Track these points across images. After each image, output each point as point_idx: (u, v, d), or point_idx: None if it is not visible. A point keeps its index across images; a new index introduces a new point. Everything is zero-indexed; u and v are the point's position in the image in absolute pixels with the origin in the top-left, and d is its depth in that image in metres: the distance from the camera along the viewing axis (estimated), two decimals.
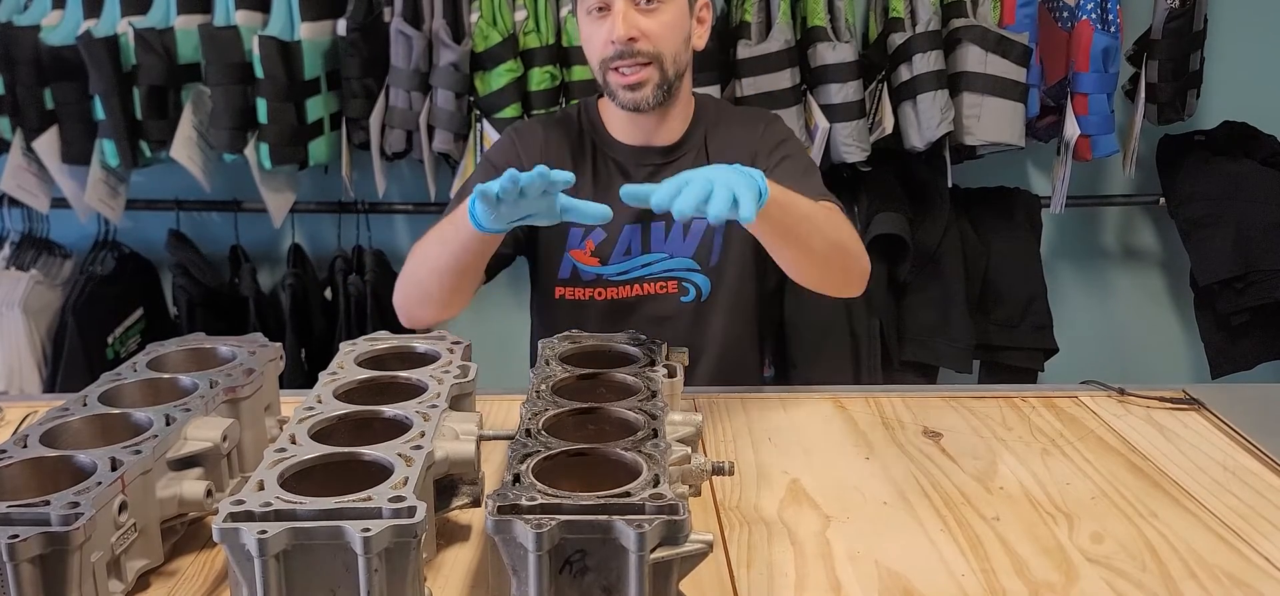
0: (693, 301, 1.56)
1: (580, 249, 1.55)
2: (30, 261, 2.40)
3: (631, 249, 1.55)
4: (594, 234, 1.54)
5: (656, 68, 1.46)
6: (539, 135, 1.60)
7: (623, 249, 1.55)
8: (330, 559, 0.75)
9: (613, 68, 1.46)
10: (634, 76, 1.46)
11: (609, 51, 1.45)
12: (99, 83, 2.16)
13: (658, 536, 0.73)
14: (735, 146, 1.57)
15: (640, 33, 1.44)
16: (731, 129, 1.60)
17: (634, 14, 1.43)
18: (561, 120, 1.62)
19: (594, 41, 1.48)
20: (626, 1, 1.43)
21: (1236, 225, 2.39)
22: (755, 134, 1.60)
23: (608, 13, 1.44)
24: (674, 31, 1.47)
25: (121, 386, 1.04)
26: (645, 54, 1.45)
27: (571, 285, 1.56)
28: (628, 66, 1.45)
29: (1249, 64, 2.58)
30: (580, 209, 1.19)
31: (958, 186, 2.44)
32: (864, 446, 1.26)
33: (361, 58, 2.22)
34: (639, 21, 1.44)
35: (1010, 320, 2.46)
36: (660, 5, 1.44)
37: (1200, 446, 1.26)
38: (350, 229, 2.52)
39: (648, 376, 1.04)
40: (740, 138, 1.59)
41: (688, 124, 1.58)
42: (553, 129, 1.61)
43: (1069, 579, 0.95)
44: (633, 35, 1.43)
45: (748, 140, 1.59)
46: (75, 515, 0.78)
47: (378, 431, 0.91)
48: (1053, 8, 2.35)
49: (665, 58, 1.46)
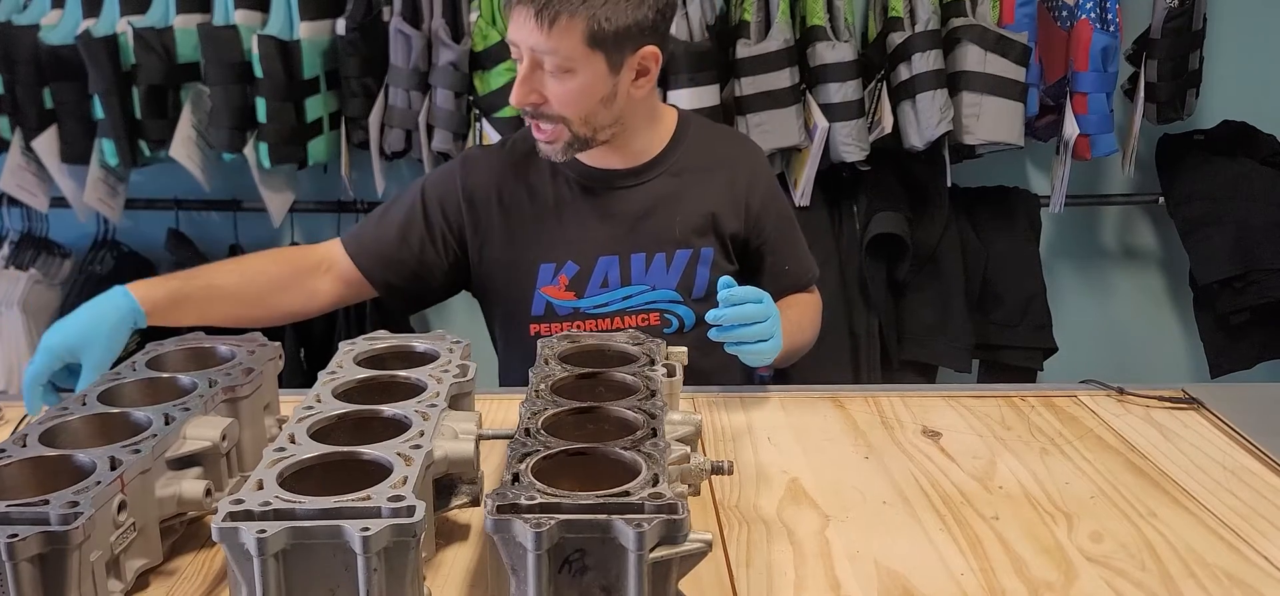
0: (676, 333, 1.52)
1: (553, 285, 1.51)
2: (29, 261, 2.40)
3: (609, 280, 1.50)
4: (567, 267, 1.50)
5: (566, 126, 1.41)
6: (489, 163, 1.55)
7: (598, 280, 1.50)
8: (329, 558, 0.75)
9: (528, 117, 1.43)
10: (543, 134, 1.42)
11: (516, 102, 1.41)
12: (98, 82, 2.16)
13: (657, 535, 0.73)
14: (712, 181, 1.53)
15: (543, 97, 1.38)
16: (709, 157, 1.55)
17: (538, 76, 1.37)
18: (515, 145, 1.56)
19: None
20: (530, 65, 1.37)
21: (1236, 225, 2.39)
22: (744, 167, 1.56)
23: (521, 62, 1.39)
24: (583, 96, 1.38)
25: (120, 385, 1.04)
26: (550, 116, 1.40)
27: (546, 320, 1.51)
28: (537, 125, 1.42)
29: (1248, 63, 2.58)
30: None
31: (957, 186, 2.44)
32: (863, 446, 1.26)
33: (361, 57, 2.22)
34: (543, 84, 1.38)
35: (1009, 319, 2.46)
36: (567, 75, 1.36)
37: (1200, 446, 1.26)
38: (349, 228, 2.51)
39: (647, 376, 1.04)
40: (724, 160, 1.55)
41: (664, 143, 1.53)
42: (505, 156, 1.55)
43: (1068, 578, 0.95)
44: (533, 100, 1.39)
45: (734, 168, 1.55)
46: (74, 514, 0.78)
47: (377, 431, 0.91)
48: (1052, 7, 2.35)
49: (572, 120, 1.40)
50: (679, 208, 1.51)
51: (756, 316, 1.31)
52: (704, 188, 1.52)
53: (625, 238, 1.50)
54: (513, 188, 1.52)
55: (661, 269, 1.51)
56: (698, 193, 1.52)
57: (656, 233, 1.50)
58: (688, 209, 1.51)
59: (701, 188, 1.52)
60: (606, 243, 1.50)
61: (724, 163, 1.56)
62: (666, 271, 1.51)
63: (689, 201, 1.51)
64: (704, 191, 1.52)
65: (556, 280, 1.51)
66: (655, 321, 1.51)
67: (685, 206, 1.51)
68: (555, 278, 1.50)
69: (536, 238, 1.50)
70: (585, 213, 1.51)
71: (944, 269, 2.41)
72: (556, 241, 1.50)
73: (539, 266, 1.50)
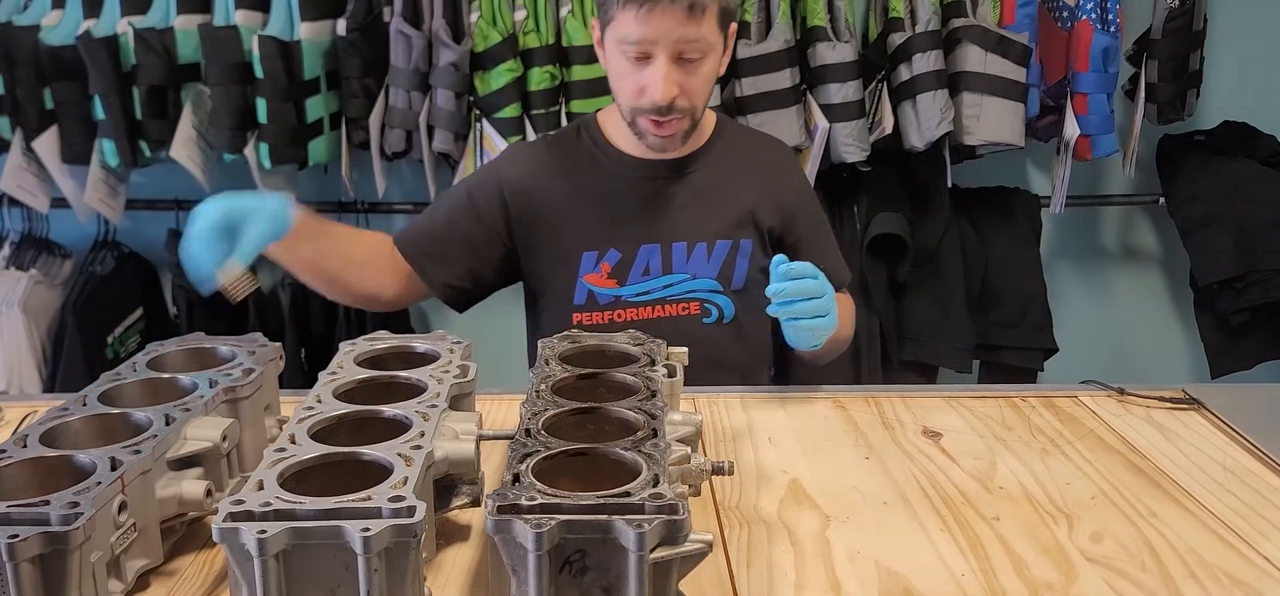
0: (715, 323, 1.54)
1: (595, 273, 1.52)
2: (30, 261, 2.40)
3: (650, 269, 1.52)
4: (609, 255, 1.52)
5: (689, 118, 1.44)
6: (533, 155, 1.59)
7: (640, 268, 1.52)
8: (330, 558, 0.75)
9: (645, 116, 1.42)
10: (666, 130, 1.44)
11: (644, 102, 1.41)
12: (99, 82, 2.16)
13: (657, 536, 0.73)
14: (752, 176, 1.57)
15: (680, 90, 1.40)
16: (747, 154, 1.59)
17: (675, 73, 1.38)
18: (559, 140, 1.60)
19: (625, 82, 1.42)
20: (669, 60, 1.37)
21: (1236, 225, 2.40)
22: (780, 166, 1.61)
23: (645, 62, 1.38)
24: (709, 82, 1.44)
25: (121, 386, 1.04)
26: (681, 110, 1.42)
27: (588, 309, 1.52)
28: (663, 120, 1.42)
29: (1249, 64, 2.58)
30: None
31: (957, 186, 2.44)
32: (864, 446, 1.26)
33: (361, 57, 2.22)
34: (679, 79, 1.39)
35: (1010, 320, 2.46)
36: (701, 60, 1.39)
37: (1200, 446, 1.26)
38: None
39: (647, 376, 1.04)
40: (761, 159, 1.60)
41: (705, 137, 1.56)
42: (548, 148, 1.59)
43: (1068, 578, 0.95)
44: (673, 96, 1.40)
45: (768, 172, 1.59)
46: (75, 515, 0.78)
47: (377, 431, 0.91)
48: (1052, 7, 2.35)
49: (697, 109, 1.45)
50: (719, 200, 1.54)
51: (814, 292, 1.33)
52: (742, 183, 1.56)
53: (667, 227, 1.52)
54: (556, 178, 1.54)
55: (702, 258, 1.53)
56: (736, 187, 1.55)
57: (698, 223, 1.53)
58: (727, 202, 1.54)
59: (740, 183, 1.56)
60: (649, 231, 1.52)
61: (761, 161, 1.60)
62: (707, 261, 1.53)
63: (728, 195, 1.54)
64: (742, 186, 1.55)
65: (598, 268, 1.52)
66: (695, 310, 1.53)
67: (725, 199, 1.54)
68: (597, 265, 1.52)
69: (580, 226, 1.53)
70: (629, 202, 1.53)
71: (944, 269, 2.41)
72: (599, 230, 1.52)
73: (582, 254, 1.52)
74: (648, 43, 1.36)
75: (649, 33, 1.35)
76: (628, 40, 1.37)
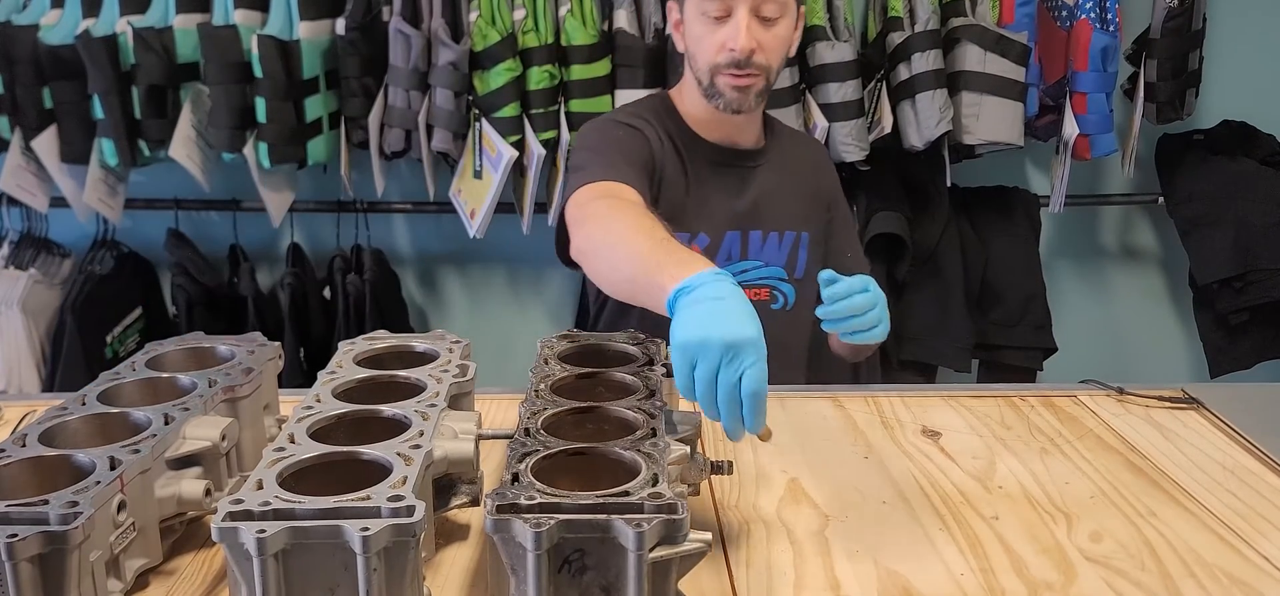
0: (781, 309, 1.62)
1: None
2: (29, 260, 2.40)
3: (732, 254, 1.59)
4: (699, 239, 1.57)
5: (764, 77, 1.53)
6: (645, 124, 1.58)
7: (724, 254, 1.59)
8: (329, 558, 0.75)
9: (725, 71, 1.50)
10: (744, 82, 1.51)
11: (723, 57, 1.49)
12: (98, 82, 2.16)
13: (656, 535, 0.73)
14: (805, 172, 1.68)
15: (759, 45, 1.49)
16: (799, 151, 1.71)
17: (756, 26, 1.48)
18: (648, 112, 1.62)
19: (706, 43, 1.51)
20: (750, 15, 1.47)
21: (1236, 225, 2.40)
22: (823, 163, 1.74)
23: (726, 19, 1.48)
24: (785, 44, 1.54)
25: (120, 385, 1.04)
26: (758, 66, 1.50)
27: None
28: (741, 74, 1.50)
29: (1248, 63, 2.58)
30: None
31: (956, 185, 2.44)
32: (863, 446, 1.26)
33: (360, 57, 2.22)
34: (759, 34, 1.49)
35: (1009, 319, 2.46)
36: (779, 19, 1.50)
37: (1199, 446, 1.26)
38: (349, 228, 2.52)
39: (646, 375, 1.04)
40: (809, 164, 1.70)
41: (762, 132, 1.66)
42: (644, 121, 1.59)
43: (1068, 578, 0.95)
44: (753, 48, 1.48)
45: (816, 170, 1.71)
46: (74, 514, 0.78)
47: (376, 430, 0.91)
48: (1052, 7, 2.35)
49: (772, 70, 1.53)
50: (786, 193, 1.64)
51: (866, 306, 1.36)
52: (802, 177, 1.68)
53: (747, 215, 1.60)
54: (667, 154, 1.58)
55: (774, 246, 1.62)
56: (797, 180, 1.67)
57: (771, 212, 1.62)
58: (791, 193, 1.65)
59: (799, 177, 1.67)
60: (733, 218, 1.59)
61: (810, 156, 1.74)
62: (778, 249, 1.62)
63: (791, 187, 1.65)
64: (803, 180, 1.68)
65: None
66: (765, 297, 1.61)
67: (789, 191, 1.65)
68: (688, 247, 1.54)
69: (674, 204, 1.57)
70: (718, 188, 1.60)
71: (944, 269, 2.41)
72: (692, 211, 1.58)
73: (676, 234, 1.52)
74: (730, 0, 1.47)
75: None
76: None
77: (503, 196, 2.29)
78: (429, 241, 2.64)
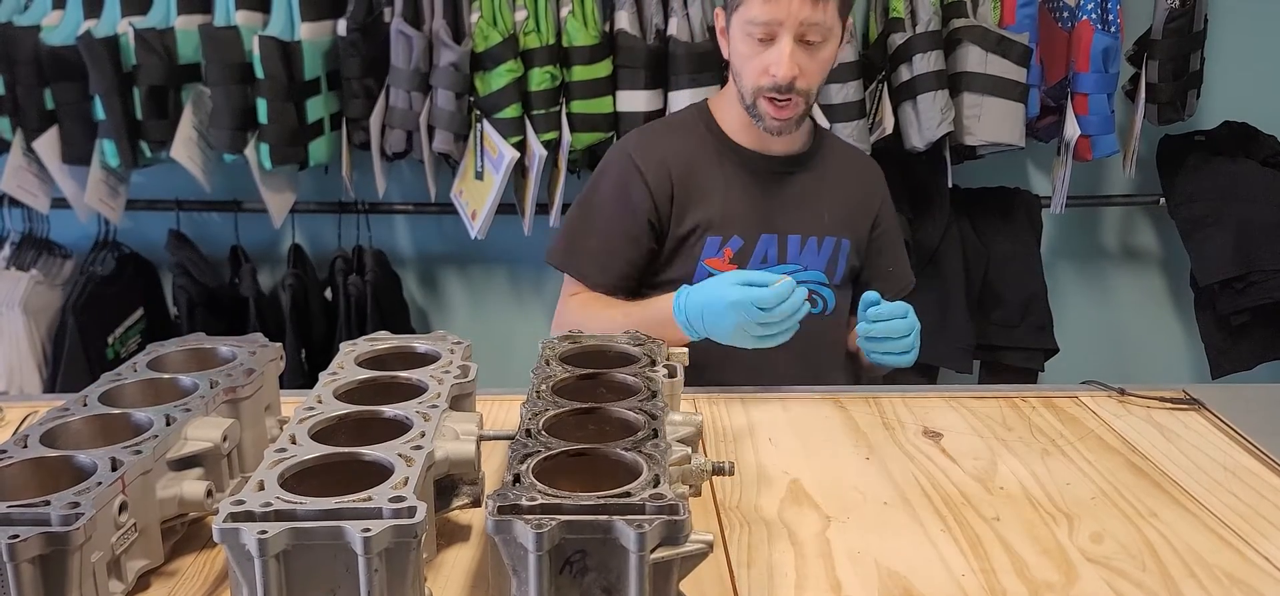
0: (820, 313, 1.62)
1: (717, 257, 1.58)
2: (30, 261, 2.40)
3: (768, 258, 1.59)
4: (732, 241, 1.57)
5: (805, 100, 1.53)
6: (660, 139, 1.63)
7: (759, 256, 1.59)
8: (330, 559, 0.75)
9: (766, 96, 1.51)
10: (785, 112, 1.52)
11: (766, 82, 1.50)
12: (99, 83, 2.16)
13: (658, 536, 0.73)
14: (851, 182, 1.68)
15: (801, 71, 1.48)
16: (846, 162, 1.71)
17: (799, 52, 1.48)
18: (682, 125, 1.66)
19: (750, 64, 1.52)
20: (794, 41, 1.46)
21: (1236, 225, 2.40)
22: (871, 181, 1.72)
23: (770, 42, 1.48)
24: (825, 68, 1.54)
25: (122, 386, 1.04)
26: (799, 91, 1.50)
27: None
28: (782, 99, 1.50)
29: (1249, 64, 2.58)
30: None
31: (958, 186, 2.44)
32: (864, 446, 1.26)
33: (362, 58, 2.22)
34: (801, 60, 1.48)
35: (1010, 320, 2.46)
36: (824, 43, 1.50)
37: (1200, 446, 1.26)
38: (350, 229, 2.52)
39: (648, 376, 1.04)
40: (856, 175, 1.70)
41: (805, 138, 1.65)
42: (673, 133, 1.64)
43: (1069, 579, 0.95)
44: (794, 75, 1.47)
45: (863, 181, 1.70)
46: (75, 515, 0.78)
47: (378, 431, 0.91)
48: (1053, 8, 2.35)
49: (812, 91, 1.53)
50: (827, 199, 1.64)
51: (903, 331, 1.44)
52: (845, 187, 1.67)
53: (784, 219, 1.60)
54: (683, 161, 1.60)
55: (813, 251, 1.62)
56: (840, 190, 1.66)
57: (810, 217, 1.62)
58: (833, 201, 1.64)
59: (843, 186, 1.67)
60: (769, 221, 1.60)
61: (858, 171, 1.72)
62: (817, 253, 1.62)
63: (833, 195, 1.65)
64: (846, 190, 1.67)
65: (721, 253, 1.58)
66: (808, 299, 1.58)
67: (831, 199, 1.64)
68: (720, 251, 1.58)
69: (707, 210, 1.58)
70: (752, 192, 1.60)
71: (945, 270, 2.41)
72: (725, 216, 1.58)
73: (706, 238, 1.58)
74: (774, 23, 1.46)
75: (776, 13, 1.45)
76: (755, 22, 1.47)
77: (504, 197, 2.29)
78: (430, 242, 2.64)
